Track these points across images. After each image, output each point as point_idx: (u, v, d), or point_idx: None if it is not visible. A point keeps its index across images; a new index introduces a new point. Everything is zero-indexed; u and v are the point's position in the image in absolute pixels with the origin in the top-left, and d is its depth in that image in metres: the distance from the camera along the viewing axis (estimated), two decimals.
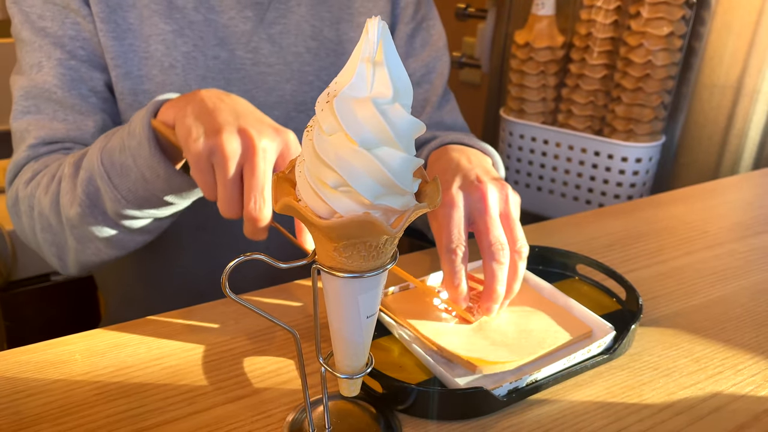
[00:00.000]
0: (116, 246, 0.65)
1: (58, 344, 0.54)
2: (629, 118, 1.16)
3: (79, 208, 0.62)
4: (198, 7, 0.73)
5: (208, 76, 0.74)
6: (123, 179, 0.59)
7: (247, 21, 0.75)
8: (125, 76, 0.71)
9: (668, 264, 0.71)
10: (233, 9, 0.74)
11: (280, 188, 0.37)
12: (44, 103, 0.69)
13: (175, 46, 0.72)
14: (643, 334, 0.58)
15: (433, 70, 0.86)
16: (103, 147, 0.60)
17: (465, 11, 1.53)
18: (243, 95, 0.75)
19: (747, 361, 0.54)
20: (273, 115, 0.77)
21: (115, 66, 0.70)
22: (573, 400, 0.49)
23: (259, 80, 0.76)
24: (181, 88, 0.72)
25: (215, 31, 0.74)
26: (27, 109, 0.69)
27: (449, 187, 0.59)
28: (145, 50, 0.71)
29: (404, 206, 0.35)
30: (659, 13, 1.07)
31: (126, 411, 0.47)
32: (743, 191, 0.93)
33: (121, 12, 0.70)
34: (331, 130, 0.33)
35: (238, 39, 0.75)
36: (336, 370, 0.42)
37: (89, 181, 0.61)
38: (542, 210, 1.34)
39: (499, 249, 0.55)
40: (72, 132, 0.69)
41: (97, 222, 0.63)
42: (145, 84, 0.71)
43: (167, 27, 0.71)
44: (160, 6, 0.71)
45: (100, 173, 0.60)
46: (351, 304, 0.38)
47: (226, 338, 0.55)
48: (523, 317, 0.57)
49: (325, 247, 0.36)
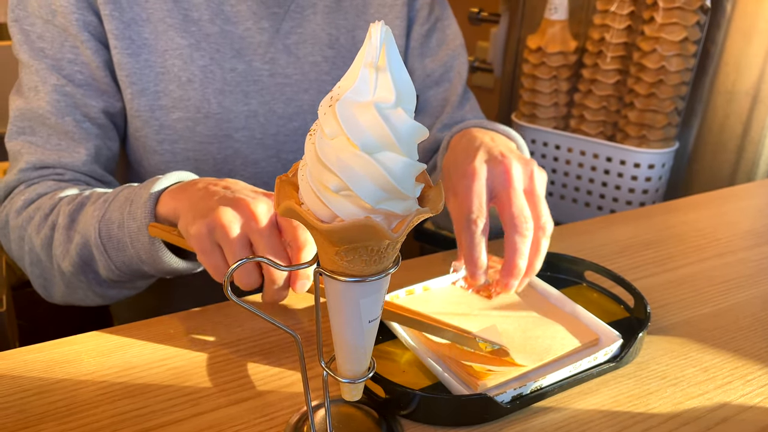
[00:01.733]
0: (104, 298, 0.67)
1: (64, 344, 0.54)
2: (642, 123, 1.15)
3: (71, 267, 0.63)
4: (214, 19, 0.72)
5: (226, 89, 0.73)
6: (119, 253, 0.60)
7: (263, 32, 0.75)
8: (141, 93, 0.70)
9: (678, 272, 0.70)
10: (249, 20, 0.74)
11: (283, 192, 0.37)
12: (39, 126, 0.69)
13: (192, 60, 0.71)
14: (651, 342, 0.57)
15: (451, 69, 0.86)
16: (101, 216, 0.60)
17: (478, 15, 1.53)
18: (261, 107, 0.75)
19: (756, 372, 0.54)
20: (292, 126, 0.77)
21: (131, 83, 0.70)
22: (578, 408, 0.49)
23: (277, 91, 0.76)
24: (199, 102, 0.71)
25: (232, 43, 0.73)
26: (21, 130, 0.69)
27: (472, 160, 0.57)
28: (162, 65, 0.70)
29: (406, 211, 0.35)
30: (673, 19, 1.06)
31: (130, 411, 0.47)
32: (756, 199, 0.92)
33: (136, 27, 0.69)
34: (333, 133, 0.33)
35: (255, 50, 0.74)
36: (338, 374, 0.42)
37: (84, 245, 0.61)
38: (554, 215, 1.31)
39: (522, 222, 0.53)
40: (64, 158, 0.69)
41: (87, 279, 0.64)
42: (161, 99, 0.71)
43: (183, 41, 0.71)
44: (176, 20, 0.70)
45: (96, 243, 0.60)
46: (353, 308, 0.38)
47: (231, 341, 0.56)
48: (530, 323, 0.56)
49: (327, 251, 0.36)
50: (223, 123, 0.73)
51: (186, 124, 0.71)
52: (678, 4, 1.05)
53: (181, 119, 0.71)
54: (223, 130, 0.73)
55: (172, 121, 0.71)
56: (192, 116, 0.71)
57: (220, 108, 0.72)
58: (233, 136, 0.74)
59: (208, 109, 0.72)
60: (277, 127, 0.76)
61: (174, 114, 0.71)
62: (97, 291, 0.65)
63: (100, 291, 0.65)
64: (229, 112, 0.73)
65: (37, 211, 0.66)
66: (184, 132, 0.71)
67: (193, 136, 0.72)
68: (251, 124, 0.74)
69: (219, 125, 0.73)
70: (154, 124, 0.71)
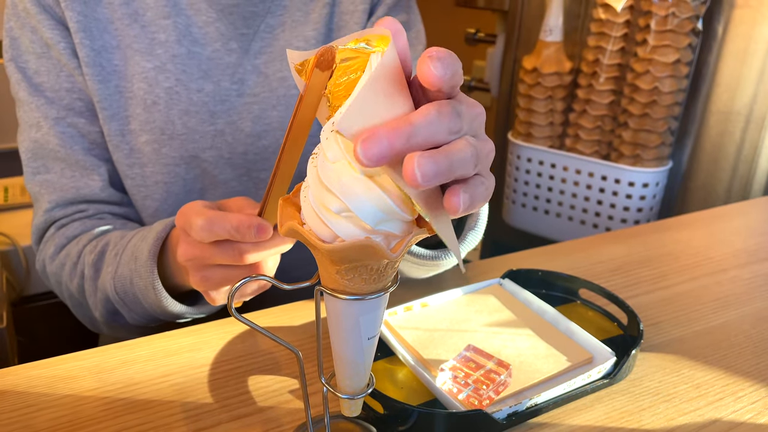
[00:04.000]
0: (142, 331, 0.69)
1: (68, 360, 0.55)
2: (636, 143, 1.17)
3: (102, 317, 0.68)
4: (181, 40, 0.72)
5: (191, 110, 0.73)
6: (137, 305, 0.63)
7: (231, 53, 0.74)
8: (112, 118, 0.71)
9: (671, 289, 0.71)
10: (218, 41, 0.74)
11: (285, 212, 0.38)
12: (51, 162, 0.71)
13: (157, 83, 0.71)
14: (644, 359, 0.58)
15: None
16: (114, 273, 0.63)
17: (475, 36, 1.56)
18: (228, 126, 0.75)
19: (747, 389, 0.55)
20: (261, 144, 0.76)
21: (102, 108, 0.70)
22: (572, 424, 0.50)
23: (245, 110, 0.75)
24: (163, 124, 0.72)
25: (199, 64, 0.73)
26: (37, 170, 0.71)
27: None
28: (129, 90, 0.71)
29: (404, 232, 0.36)
30: (666, 41, 1.08)
31: (133, 427, 0.48)
32: (748, 217, 0.93)
33: (106, 54, 0.70)
34: (334, 157, 0.35)
35: (223, 71, 0.74)
36: (337, 390, 0.43)
37: (107, 300, 0.65)
38: (549, 233, 1.34)
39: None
40: (82, 189, 0.71)
41: (119, 324, 0.68)
42: (131, 124, 0.72)
43: (149, 64, 0.71)
44: (143, 44, 0.71)
45: (115, 299, 0.64)
46: (352, 325, 0.39)
47: (233, 357, 0.56)
48: (523, 342, 0.57)
49: (328, 269, 0.37)
50: (188, 144, 0.73)
51: (152, 147, 0.72)
52: (670, 27, 1.08)
53: (148, 142, 0.72)
54: (189, 151, 0.73)
55: (140, 144, 0.72)
56: (157, 138, 0.72)
57: (185, 129, 0.73)
58: (200, 156, 0.74)
59: (173, 131, 0.72)
60: (245, 146, 0.76)
61: (142, 137, 0.72)
62: (133, 328, 0.69)
63: (136, 328, 0.69)
64: (194, 133, 0.73)
65: (66, 258, 0.69)
66: (152, 155, 0.72)
67: (159, 159, 0.72)
68: (218, 143, 0.74)
69: (184, 146, 0.73)
70: (125, 148, 0.72)
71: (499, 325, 0.60)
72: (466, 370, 0.52)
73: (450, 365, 0.52)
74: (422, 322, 0.60)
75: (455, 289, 0.64)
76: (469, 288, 0.65)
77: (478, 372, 0.51)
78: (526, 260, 0.77)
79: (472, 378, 0.51)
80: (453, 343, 0.57)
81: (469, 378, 0.51)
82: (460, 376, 0.51)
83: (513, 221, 1.41)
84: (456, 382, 0.51)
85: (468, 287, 0.65)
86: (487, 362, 0.53)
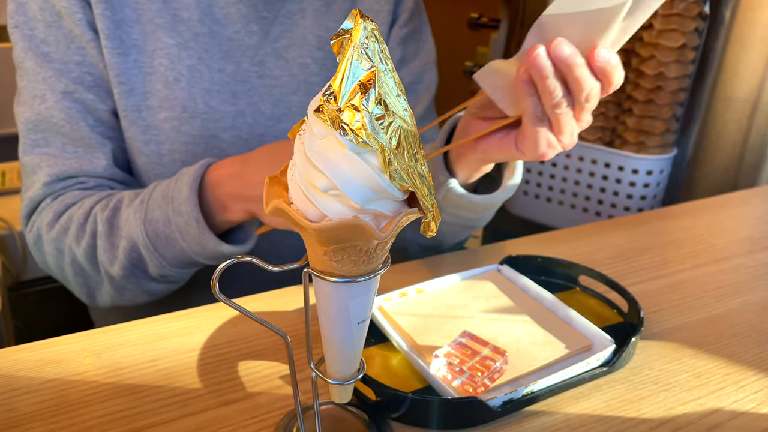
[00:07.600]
0: (152, 295, 0.69)
1: (55, 343, 0.54)
2: (640, 130, 1.15)
3: (121, 270, 0.65)
4: (203, 19, 0.72)
5: (213, 89, 0.73)
6: (168, 249, 0.63)
7: (252, 35, 0.75)
8: (129, 93, 0.70)
9: (673, 277, 0.70)
10: (238, 23, 0.74)
11: (272, 191, 0.36)
12: (52, 136, 0.69)
13: (180, 60, 0.71)
14: (645, 347, 0.57)
15: (420, 81, 0.85)
16: (144, 218, 0.62)
17: (478, 21, 1.54)
18: (249, 107, 0.75)
19: (749, 378, 0.53)
20: (280, 127, 0.77)
21: (119, 83, 0.69)
22: (570, 412, 0.49)
23: (266, 93, 0.76)
24: (185, 102, 0.71)
25: (220, 44, 0.73)
26: (36, 143, 0.69)
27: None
28: (150, 65, 0.70)
29: (394, 212, 0.35)
30: (672, 25, 1.06)
31: (119, 411, 0.47)
32: (753, 205, 0.92)
33: (126, 27, 0.69)
34: (322, 133, 0.33)
35: (244, 52, 0.74)
36: (327, 376, 0.41)
37: (132, 248, 0.64)
38: (552, 221, 1.33)
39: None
40: (85, 166, 0.69)
41: (138, 280, 0.67)
42: (149, 100, 0.70)
43: (171, 41, 0.70)
44: (165, 19, 0.70)
45: (145, 244, 0.63)
46: (342, 309, 0.38)
47: (222, 342, 0.55)
48: (521, 328, 0.56)
49: (316, 251, 0.36)
50: (209, 123, 0.72)
51: (172, 124, 0.71)
52: (676, 11, 1.05)
53: (168, 119, 0.71)
54: (210, 130, 0.73)
55: (159, 121, 0.71)
56: (178, 116, 0.71)
57: (207, 107, 0.72)
58: (220, 137, 0.73)
59: (194, 109, 0.71)
60: (265, 128, 0.76)
61: (160, 114, 0.71)
62: (146, 289, 0.68)
63: (149, 288, 0.68)
64: (216, 112, 0.73)
65: (70, 221, 0.67)
66: (170, 132, 0.71)
67: (178, 137, 0.71)
68: (238, 124, 0.74)
69: (205, 125, 0.72)
70: (141, 124, 0.71)
71: (496, 312, 0.59)
72: (461, 357, 0.50)
73: (445, 351, 0.51)
74: (417, 307, 0.59)
75: (452, 275, 0.63)
76: (466, 274, 0.64)
77: (474, 359, 0.50)
78: (525, 246, 0.76)
79: (467, 365, 0.50)
80: (448, 329, 0.55)
81: (464, 365, 0.50)
82: (454, 363, 0.50)
83: (515, 209, 1.39)
84: (450, 368, 0.50)
85: (465, 273, 0.64)
86: (482, 349, 0.51)
